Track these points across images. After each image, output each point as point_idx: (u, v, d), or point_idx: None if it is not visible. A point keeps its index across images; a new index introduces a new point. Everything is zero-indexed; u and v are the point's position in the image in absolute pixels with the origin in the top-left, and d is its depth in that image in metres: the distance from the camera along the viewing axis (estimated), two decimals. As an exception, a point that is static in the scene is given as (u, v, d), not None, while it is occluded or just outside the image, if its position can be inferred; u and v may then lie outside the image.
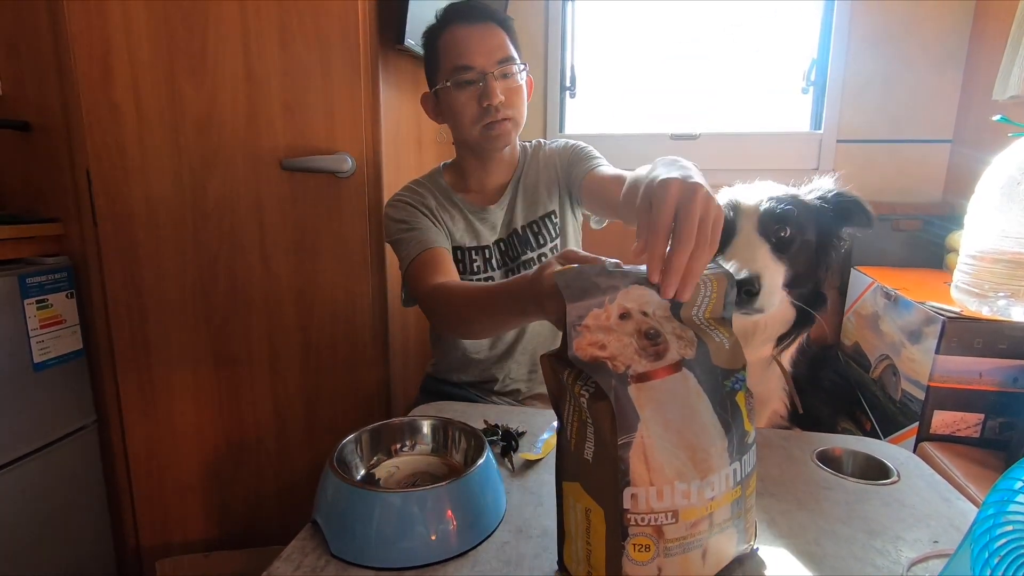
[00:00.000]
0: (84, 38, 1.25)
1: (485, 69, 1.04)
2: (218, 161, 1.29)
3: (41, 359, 1.25)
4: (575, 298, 0.51)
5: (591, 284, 0.51)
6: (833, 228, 0.89)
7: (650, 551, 0.49)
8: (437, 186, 1.17)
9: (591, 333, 0.50)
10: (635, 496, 0.48)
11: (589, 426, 0.51)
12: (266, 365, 1.37)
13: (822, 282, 0.90)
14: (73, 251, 1.33)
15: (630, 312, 0.51)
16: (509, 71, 1.06)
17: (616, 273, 0.53)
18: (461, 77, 1.05)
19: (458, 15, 1.07)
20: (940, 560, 0.58)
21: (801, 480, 0.75)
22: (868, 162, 1.73)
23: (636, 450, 0.48)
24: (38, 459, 1.25)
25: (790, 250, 0.84)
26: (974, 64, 1.61)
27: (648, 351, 0.51)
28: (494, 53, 1.05)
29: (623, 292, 0.52)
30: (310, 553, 0.60)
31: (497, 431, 0.82)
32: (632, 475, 0.48)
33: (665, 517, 0.49)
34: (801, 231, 0.85)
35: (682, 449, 0.50)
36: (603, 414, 0.49)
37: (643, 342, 0.51)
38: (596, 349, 0.50)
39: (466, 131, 1.09)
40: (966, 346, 1.06)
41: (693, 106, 1.89)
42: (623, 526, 0.49)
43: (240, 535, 1.46)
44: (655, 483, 0.49)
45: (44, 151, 1.30)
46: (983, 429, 1.08)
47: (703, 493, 0.50)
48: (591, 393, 0.50)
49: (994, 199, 1.00)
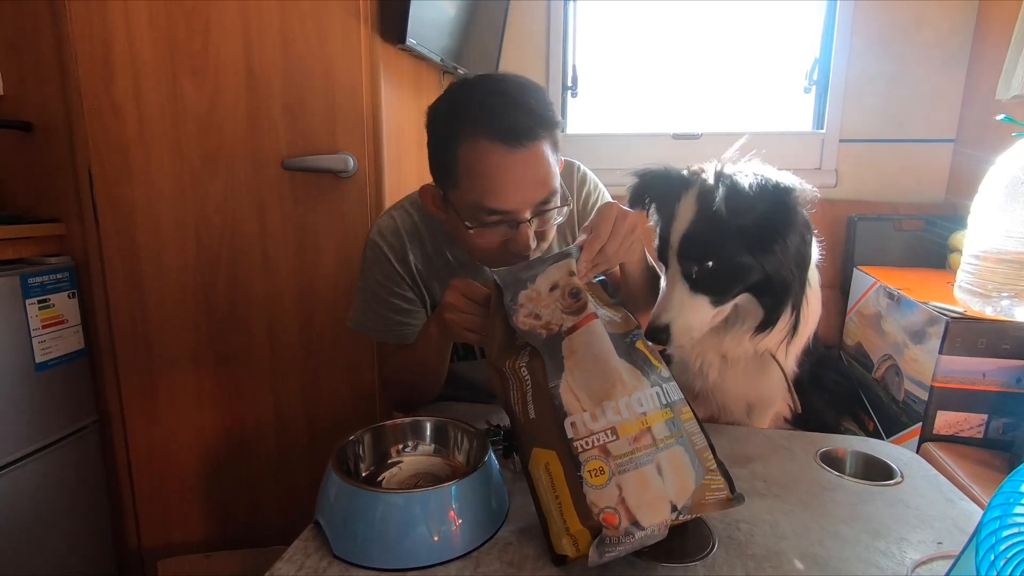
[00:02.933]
0: (85, 38, 1.25)
1: (520, 215, 0.82)
2: (219, 161, 1.29)
3: (43, 359, 1.25)
4: (508, 287, 0.68)
5: (516, 277, 0.69)
6: (763, 229, 0.77)
7: (604, 473, 0.56)
8: (431, 233, 1.00)
9: (525, 308, 0.66)
10: (574, 424, 0.58)
11: (529, 391, 0.62)
12: (267, 365, 1.37)
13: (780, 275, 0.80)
14: (75, 251, 1.33)
15: (557, 284, 0.67)
16: (549, 210, 0.85)
17: (535, 262, 0.70)
18: (487, 220, 0.82)
19: (496, 128, 0.78)
20: (944, 561, 0.58)
21: (804, 481, 0.75)
22: (871, 162, 1.73)
23: (565, 388, 0.60)
24: (39, 459, 1.25)
25: (719, 279, 0.79)
26: (977, 63, 1.61)
27: (572, 308, 0.65)
28: (535, 192, 0.81)
29: (543, 275, 0.68)
30: (312, 554, 0.59)
31: (499, 432, 0.82)
32: (567, 406, 0.59)
33: (606, 435, 0.57)
34: (727, 254, 0.78)
35: (603, 378, 0.61)
36: (537, 367, 0.62)
37: (568, 301, 0.66)
38: (532, 319, 0.65)
39: (474, 253, 0.91)
40: (969, 346, 1.05)
41: (695, 105, 1.88)
42: (573, 456, 0.57)
43: (241, 535, 1.46)
44: (586, 408, 0.59)
45: (46, 151, 1.30)
46: (986, 429, 1.08)
47: (632, 408, 0.59)
48: (528, 359, 0.64)
49: (998, 199, 1.00)
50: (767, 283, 0.80)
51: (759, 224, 0.76)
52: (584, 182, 1.07)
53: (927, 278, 1.38)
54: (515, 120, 0.79)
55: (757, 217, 0.76)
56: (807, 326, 0.92)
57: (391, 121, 1.33)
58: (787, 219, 0.77)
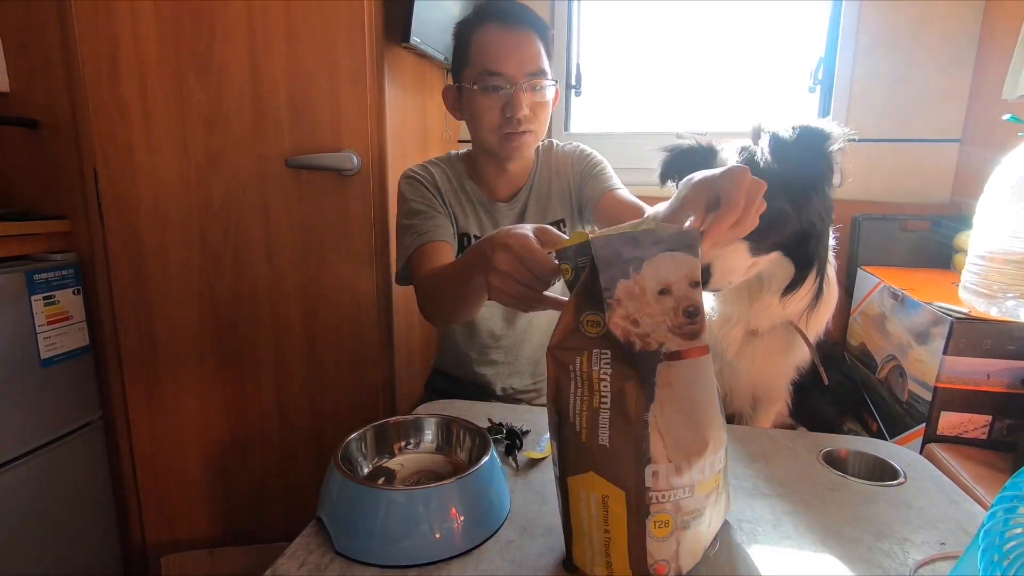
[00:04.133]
0: (92, 36, 1.25)
1: (515, 79, 1.01)
2: (224, 159, 1.29)
3: (48, 355, 1.25)
4: (605, 266, 0.50)
5: (616, 252, 0.50)
6: (804, 178, 0.79)
7: (669, 526, 0.51)
8: (453, 169, 1.17)
9: (622, 307, 0.50)
10: (656, 473, 0.50)
11: (604, 411, 0.51)
12: (271, 362, 1.38)
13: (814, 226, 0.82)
14: (80, 248, 1.34)
15: (671, 289, 0.51)
16: (539, 84, 1.03)
17: (642, 236, 0.51)
18: (489, 82, 1.02)
19: (498, 14, 1.03)
20: (947, 562, 0.58)
21: (807, 481, 0.75)
22: (876, 162, 1.72)
23: (653, 427, 0.49)
24: (44, 455, 1.26)
25: (760, 223, 0.80)
26: (983, 63, 1.60)
27: (684, 329, 0.51)
28: (527, 64, 1.02)
29: (651, 261, 0.50)
30: (315, 550, 0.60)
31: (501, 430, 0.82)
32: (652, 452, 0.49)
33: (684, 491, 0.51)
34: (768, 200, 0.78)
35: (697, 429, 0.51)
36: (629, 394, 0.50)
37: (680, 319, 0.51)
38: (629, 324, 0.50)
39: (484, 135, 1.07)
40: (974, 347, 1.05)
41: (699, 105, 1.88)
42: (645, 504, 0.50)
43: (245, 532, 1.47)
44: (672, 459, 0.50)
45: (52, 148, 1.31)
46: (991, 431, 1.07)
47: (714, 467, 0.52)
48: (611, 368, 0.50)
49: (1004, 199, 0.99)
50: (800, 238, 0.82)
51: (800, 172, 0.78)
52: (584, 151, 1.21)
53: (932, 278, 1.38)
54: (512, 9, 1.03)
55: (795, 164, 0.77)
56: (831, 297, 0.93)
57: (395, 119, 1.33)
58: (825, 166, 0.79)
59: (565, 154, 1.20)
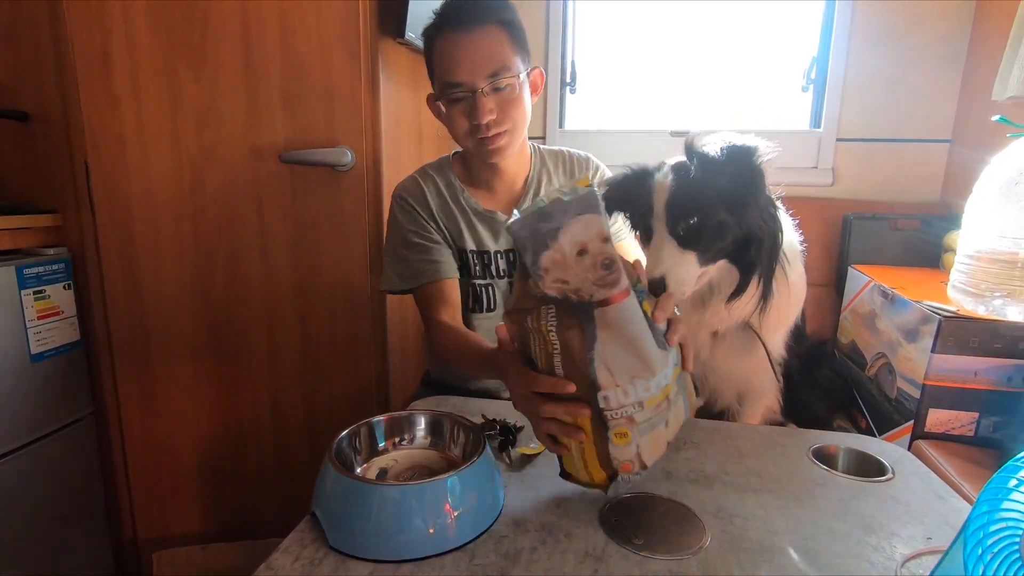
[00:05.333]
0: (83, 28, 1.24)
1: (474, 85, 0.98)
2: (217, 153, 1.29)
3: (38, 350, 1.25)
4: (528, 248, 0.57)
5: (534, 230, 0.57)
6: (737, 190, 0.84)
7: (628, 436, 0.62)
8: (445, 180, 1.14)
9: (550, 274, 0.58)
10: (606, 398, 0.60)
11: (556, 355, 0.61)
12: (265, 358, 1.37)
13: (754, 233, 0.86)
14: (71, 242, 1.33)
15: (587, 248, 0.57)
16: (501, 84, 0.99)
17: (554, 208, 0.56)
18: (451, 93, 1.00)
19: (451, 19, 1.00)
20: (933, 556, 0.59)
21: (797, 477, 0.76)
22: (867, 161, 1.74)
23: (599, 361, 0.59)
24: (35, 450, 1.25)
25: (702, 234, 0.85)
26: (974, 64, 1.61)
27: (605, 280, 0.58)
28: (485, 66, 0.98)
29: (565, 229, 0.56)
30: (308, 545, 0.60)
31: (495, 426, 0.82)
32: (601, 381, 0.60)
33: (634, 407, 0.61)
34: (708, 212, 0.85)
35: (636, 357, 0.60)
36: (572, 339, 0.59)
37: (600, 272, 0.57)
38: (561, 284, 0.58)
39: (460, 143, 1.07)
40: (962, 345, 1.06)
41: (693, 103, 1.89)
42: (603, 422, 0.61)
43: (237, 528, 1.47)
44: (619, 384, 0.60)
45: (42, 141, 1.30)
46: (977, 428, 1.09)
47: (659, 384, 0.61)
48: (556, 322, 0.60)
49: (992, 199, 1.00)
50: (743, 246, 0.87)
51: (731, 184, 0.83)
52: (598, 169, 1.20)
53: (921, 277, 1.39)
54: (462, 10, 0.99)
55: (728, 178, 0.83)
56: (789, 303, 0.96)
57: (389, 115, 1.33)
58: (754, 176, 0.84)
59: (583, 166, 1.19)
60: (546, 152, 1.20)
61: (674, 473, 0.75)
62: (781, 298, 0.93)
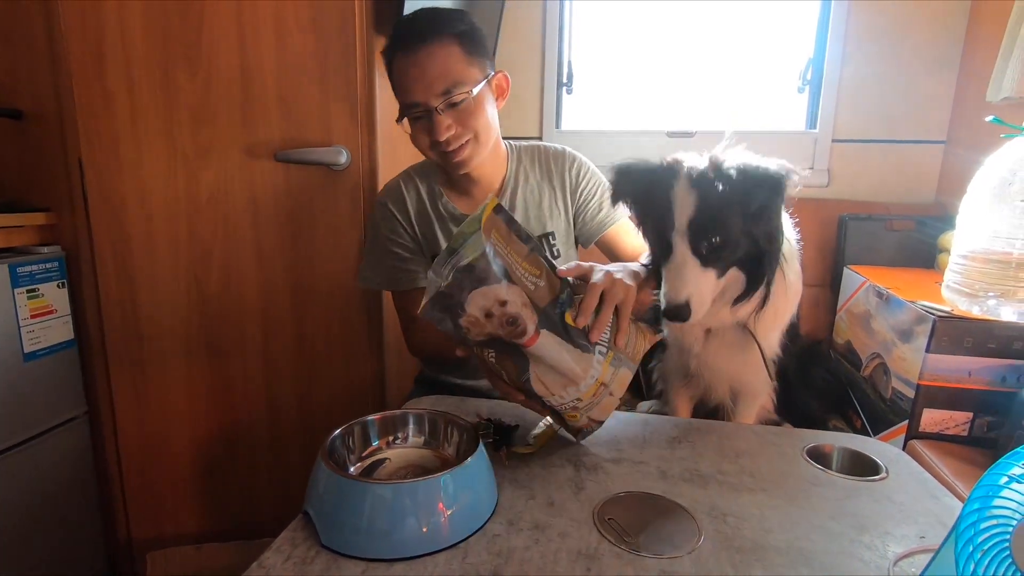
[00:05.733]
0: (78, 26, 1.24)
1: (429, 104, 0.99)
2: (212, 152, 1.28)
3: (31, 349, 1.24)
4: (445, 320, 0.67)
5: (444, 308, 0.66)
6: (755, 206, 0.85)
7: (577, 415, 0.77)
8: (428, 184, 1.15)
9: (472, 331, 0.67)
10: (548, 400, 0.74)
11: (503, 373, 0.73)
12: (260, 357, 1.37)
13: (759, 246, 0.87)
14: (65, 241, 1.32)
15: (492, 312, 0.66)
16: (456, 100, 0.99)
17: (453, 291, 0.65)
18: (410, 113, 1.02)
19: (402, 39, 1.00)
20: (926, 555, 0.59)
21: (792, 476, 0.76)
22: (862, 162, 1.74)
23: (535, 379, 0.72)
24: (28, 450, 1.24)
25: (723, 253, 0.86)
26: (968, 65, 1.62)
27: (515, 332, 0.68)
28: (437, 83, 0.98)
29: (469, 302, 0.65)
30: (300, 544, 0.60)
31: (490, 425, 0.82)
32: (539, 392, 0.73)
33: (574, 402, 0.74)
34: (730, 231, 0.85)
35: (563, 374, 0.72)
36: (508, 367, 0.72)
37: (508, 328, 0.67)
38: (484, 336, 0.68)
39: (428, 157, 1.09)
40: (956, 345, 1.06)
41: (690, 104, 1.89)
42: (555, 410, 0.76)
43: (232, 528, 1.46)
44: (555, 392, 0.73)
45: (36, 139, 1.29)
46: (971, 427, 1.09)
47: (588, 383, 0.73)
48: (496, 356, 0.72)
49: (986, 200, 1.01)
50: (755, 255, 0.88)
51: (757, 206, 0.84)
52: (575, 160, 1.19)
53: (916, 278, 1.39)
54: (410, 30, 0.99)
55: (755, 200, 0.83)
56: (786, 302, 0.97)
57: (385, 114, 1.33)
58: (777, 197, 0.85)
59: (558, 162, 1.18)
60: (523, 150, 1.19)
61: (668, 472, 0.75)
62: (778, 297, 0.93)
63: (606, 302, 0.75)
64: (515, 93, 1.83)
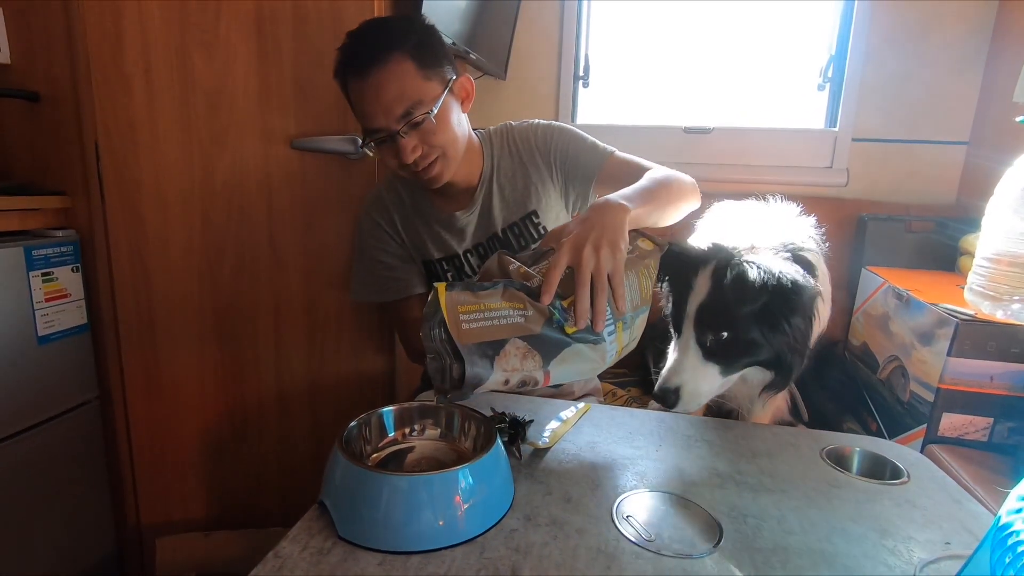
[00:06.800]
0: (95, 8, 1.23)
1: (390, 128, 0.96)
2: (228, 138, 1.28)
3: (45, 332, 1.24)
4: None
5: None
6: (778, 316, 0.83)
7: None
8: (410, 190, 1.15)
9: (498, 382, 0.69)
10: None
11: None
12: (272, 345, 1.37)
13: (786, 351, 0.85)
14: (80, 225, 1.32)
15: (508, 380, 0.69)
16: (417, 120, 0.96)
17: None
18: (373, 138, 1.00)
19: (351, 63, 0.97)
20: (953, 562, 0.58)
21: (811, 477, 0.74)
22: (883, 162, 1.72)
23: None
24: (39, 433, 1.25)
25: (732, 351, 0.83)
26: (995, 66, 1.59)
27: (531, 390, 0.71)
28: (395, 106, 0.95)
29: (486, 384, 0.67)
30: (317, 534, 0.59)
31: (504, 419, 0.81)
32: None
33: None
34: (740, 329, 0.82)
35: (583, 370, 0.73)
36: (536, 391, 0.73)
37: (524, 388, 0.70)
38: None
39: (399, 175, 1.07)
40: (978, 349, 1.05)
41: (707, 99, 1.87)
42: None
43: (240, 516, 1.47)
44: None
45: (52, 122, 1.29)
46: (992, 433, 1.07)
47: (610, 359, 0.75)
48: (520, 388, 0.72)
49: (1013, 202, 0.99)
50: (775, 359, 0.85)
51: (765, 308, 0.81)
52: (536, 128, 1.16)
53: (936, 280, 1.37)
54: (360, 52, 0.96)
55: (763, 304, 0.81)
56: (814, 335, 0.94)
57: (402, 104, 1.32)
58: (792, 307, 0.82)
59: (526, 136, 1.15)
60: (494, 135, 1.16)
61: (685, 471, 0.74)
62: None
63: (581, 283, 0.70)
64: (531, 85, 1.84)
